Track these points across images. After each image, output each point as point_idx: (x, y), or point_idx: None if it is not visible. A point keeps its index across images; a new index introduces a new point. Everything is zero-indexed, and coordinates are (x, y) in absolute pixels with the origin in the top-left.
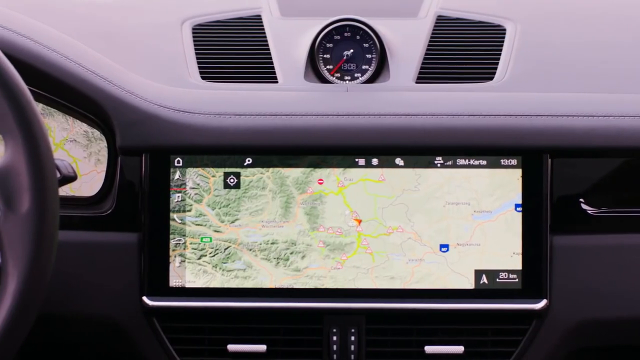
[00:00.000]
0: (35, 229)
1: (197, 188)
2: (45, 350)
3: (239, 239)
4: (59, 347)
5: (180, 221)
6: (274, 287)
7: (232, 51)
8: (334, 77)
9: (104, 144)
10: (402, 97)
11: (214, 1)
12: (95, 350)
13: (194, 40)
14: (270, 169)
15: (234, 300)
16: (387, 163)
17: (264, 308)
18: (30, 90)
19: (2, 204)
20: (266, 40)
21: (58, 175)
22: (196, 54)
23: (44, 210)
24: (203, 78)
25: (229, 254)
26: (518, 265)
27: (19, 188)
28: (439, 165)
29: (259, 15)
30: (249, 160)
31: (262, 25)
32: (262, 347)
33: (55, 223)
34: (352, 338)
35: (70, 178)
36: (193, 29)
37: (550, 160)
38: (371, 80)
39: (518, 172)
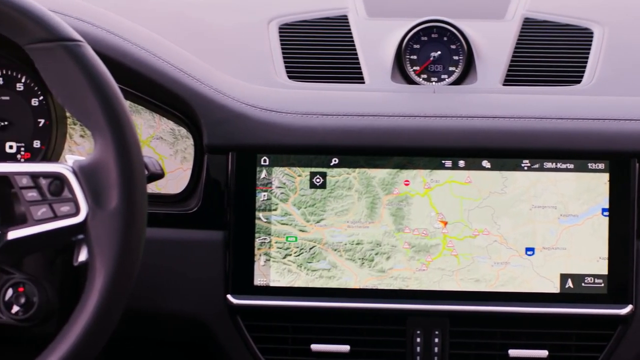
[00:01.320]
0: (123, 226)
1: (283, 187)
2: (130, 346)
3: (324, 238)
4: (143, 344)
5: (265, 220)
6: (358, 287)
7: (319, 51)
8: (420, 78)
9: (190, 141)
10: (490, 99)
11: (300, 0)
12: (179, 348)
13: (281, 40)
14: (357, 170)
15: (318, 300)
16: (473, 165)
17: (348, 308)
18: (119, 87)
19: (91, 200)
20: (353, 41)
21: (146, 172)
22: (283, 53)
23: (132, 207)
24: (290, 77)
25: (314, 253)
26: (604, 270)
27: (108, 184)
28: (525, 168)
29: (345, 16)
30: (335, 160)
31: (349, 26)
32: (345, 348)
33: (143, 220)
34: (436, 340)
35: (157, 175)
36: (280, 28)
37: (638, 165)
38: (458, 82)
39: (605, 176)
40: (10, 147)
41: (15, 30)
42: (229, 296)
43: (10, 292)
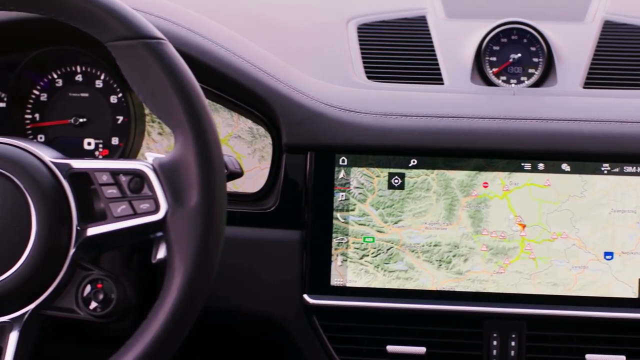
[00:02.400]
0: (202, 224)
1: (361, 188)
2: (205, 344)
3: (402, 240)
4: (219, 342)
5: (343, 220)
6: (435, 289)
7: (397, 51)
8: (499, 80)
9: (268, 140)
10: (570, 102)
11: (379, 1)
12: (254, 346)
13: (360, 40)
14: (435, 171)
15: (394, 301)
16: (553, 168)
17: (425, 310)
18: None
19: (170, 198)
20: (431, 42)
21: (225, 171)
22: (362, 53)
23: (212, 206)
24: (369, 78)
25: (391, 254)
26: None
27: (188, 183)
28: (605, 172)
29: (424, 16)
30: (413, 162)
31: (427, 27)
32: (421, 349)
33: (223, 219)
34: (513, 343)
35: (236, 174)
36: (358, 28)
37: None
38: (537, 84)
39: None
40: (89, 143)
41: (98, 27)
42: (305, 296)
43: (88, 288)
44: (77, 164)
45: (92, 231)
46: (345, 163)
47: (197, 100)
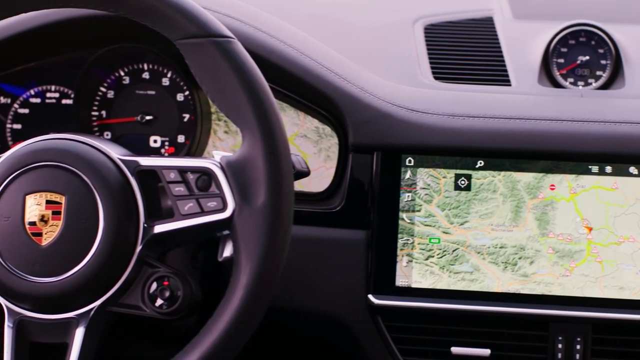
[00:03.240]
0: (269, 223)
1: (427, 188)
2: (268, 344)
3: (468, 241)
4: (282, 342)
5: (409, 221)
6: (500, 291)
7: (464, 52)
8: (567, 82)
9: (334, 140)
10: (638, 105)
11: (445, 1)
12: (318, 346)
13: (426, 40)
14: (502, 173)
15: (460, 302)
16: (620, 171)
17: (490, 312)
18: None
19: (238, 196)
20: (498, 43)
21: (292, 170)
22: (428, 54)
23: (279, 205)
24: (436, 78)
25: (457, 256)
26: None
27: (255, 181)
28: None
29: (491, 17)
30: (480, 163)
31: (494, 27)
32: (485, 351)
33: (290, 218)
34: (578, 347)
35: (303, 173)
36: (425, 28)
37: None
38: (605, 86)
39: None
40: (155, 141)
41: (167, 25)
42: (370, 296)
43: (154, 285)
44: (145, 161)
45: (159, 229)
46: (412, 164)
47: (266, 99)
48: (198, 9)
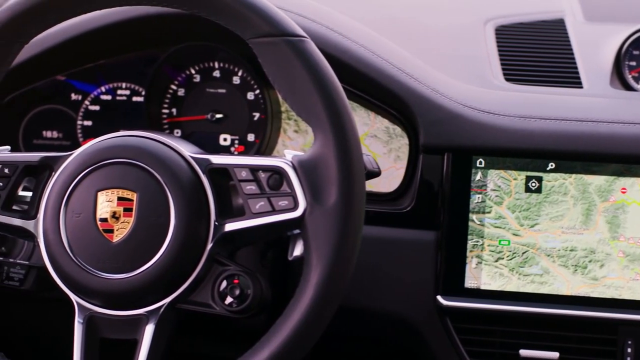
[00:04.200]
0: (341, 223)
1: (497, 190)
2: (337, 343)
3: (538, 243)
4: (350, 341)
5: (479, 222)
6: (570, 294)
7: (536, 54)
8: (639, 84)
9: (404, 141)
10: None
11: (515, 2)
12: (385, 346)
13: (497, 42)
14: (573, 175)
15: (529, 305)
16: None
17: (559, 315)
18: None
19: (309, 195)
20: (570, 45)
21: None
22: (499, 55)
23: (351, 205)
24: (507, 80)
25: (527, 258)
26: None
27: (327, 181)
28: None
29: (562, 19)
30: (551, 165)
31: (566, 29)
32: (554, 355)
33: (361, 218)
34: None
35: (374, 173)
36: (496, 30)
37: None
38: None
39: None
40: (225, 139)
41: (241, 24)
42: (439, 297)
43: (224, 283)
44: (217, 159)
45: (230, 227)
46: (483, 165)
47: (338, 99)
48: (272, 8)
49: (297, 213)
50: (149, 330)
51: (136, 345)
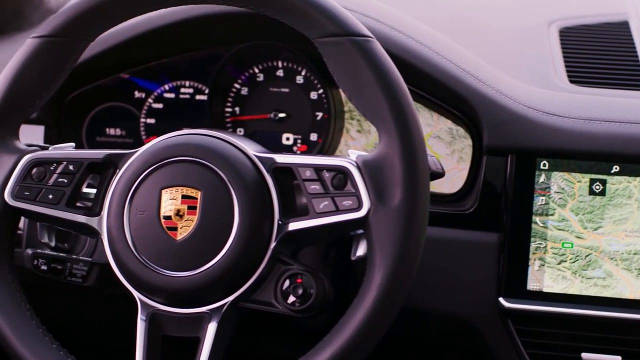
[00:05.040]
0: (405, 224)
1: (561, 192)
2: (396, 343)
3: (601, 246)
4: (410, 341)
5: (542, 225)
6: (633, 298)
7: (600, 56)
8: None
9: (468, 142)
10: None
11: (579, 4)
12: (446, 347)
13: (562, 43)
14: (637, 178)
15: (591, 308)
16: None
17: (622, 319)
18: None
19: (373, 195)
20: (635, 48)
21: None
22: (564, 57)
23: (415, 205)
24: (571, 82)
25: (590, 261)
26: None
27: (392, 181)
28: None
29: (627, 21)
30: (616, 168)
31: (630, 32)
32: (616, 358)
33: (425, 219)
34: None
35: (438, 174)
36: (560, 31)
37: None
38: None
39: None
40: (287, 138)
41: (306, 23)
42: (500, 299)
43: (287, 282)
44: (281, 158)
45: (293, 226)
46: (546, 167)
47: (404, 99)
48: (338, 8)
49: (361, 213)
50: (212, 328)
51: (198, 344)
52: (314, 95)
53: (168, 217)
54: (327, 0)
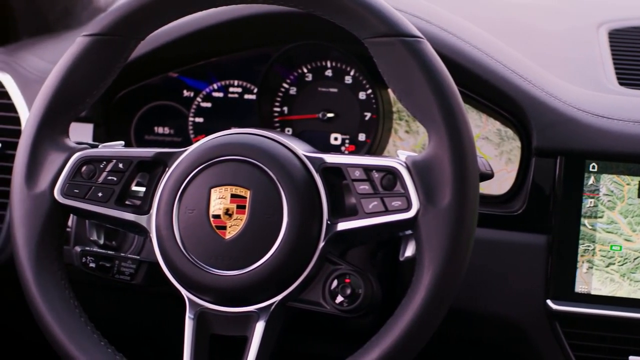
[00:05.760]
0: (454, 224)
1: (610, 195)
2: (442, 344)
3: None
4: (456, 342)
5: (590, 227)
6: None
7: None
8: None
9: (516, 143)
10: None
11: (628, 6)
12: (492, 348)
13: (611, 45)
14: None
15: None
16: None
17: None
18: None
19: (423, 196)
20: None
21: None
22: (613, 59)
23: (465, 206)
24: (621, 84)
25: (638, 264)
26: None
27: (441, 182)
28: None
29: None
30: None
31: None
32: None
33: (474, 220)
34: None
35: (487, 175)
36: (609, 33)
37: None
38: None
39: None
40: (335, 138)
41: (358, 23)
42: (548, 301)
43: (335, 282)
44: (330, 158)
45: (342, 226)
46: (595, 169)
47: (454, 100)
48: (389, 8)
49: (410, 214)
50: (260, 327)
51: (246, 343)
52: (362, 95)
53: (217, 216)
54: (378, 1)
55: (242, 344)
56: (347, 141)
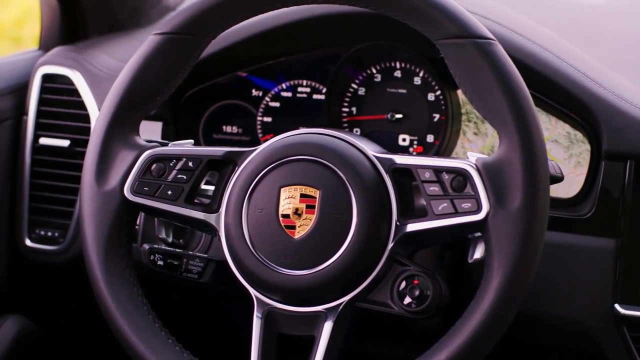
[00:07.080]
0: (524, 227)
1: None
2: (508, 347)
3: None
4: (522, 346)
5: None
6: None
7: None
8: None
9: (585, 146)
10: None
11: None
12: (557, 352)
13: None
14: None
15: None
16: None
17: None
18: None
19: (493, 198)
20: None
21: None
22: None
23: (535, 209)
24: None
25: None
26: None
27: (512, 184)
28: None
29: None
30: None
31: None
32: None
33: (545, 223)
34: None
35: (557, 178)
36: None
37: None
38: None
39: None
40: (404, 139)
41: (430, 25)
42: (616, 305)
43: (403, 283)
44: (400, 159)
45: (411, 227)
46: None
47: (525, 102)
48: (461, 10)
49: (480, 216)
50: (327, 327)
51: (313, 342)
52: (431, 96)
53: (286, 216)
54: (450, 2)
55: (310, 344)
56: (415, 142)
